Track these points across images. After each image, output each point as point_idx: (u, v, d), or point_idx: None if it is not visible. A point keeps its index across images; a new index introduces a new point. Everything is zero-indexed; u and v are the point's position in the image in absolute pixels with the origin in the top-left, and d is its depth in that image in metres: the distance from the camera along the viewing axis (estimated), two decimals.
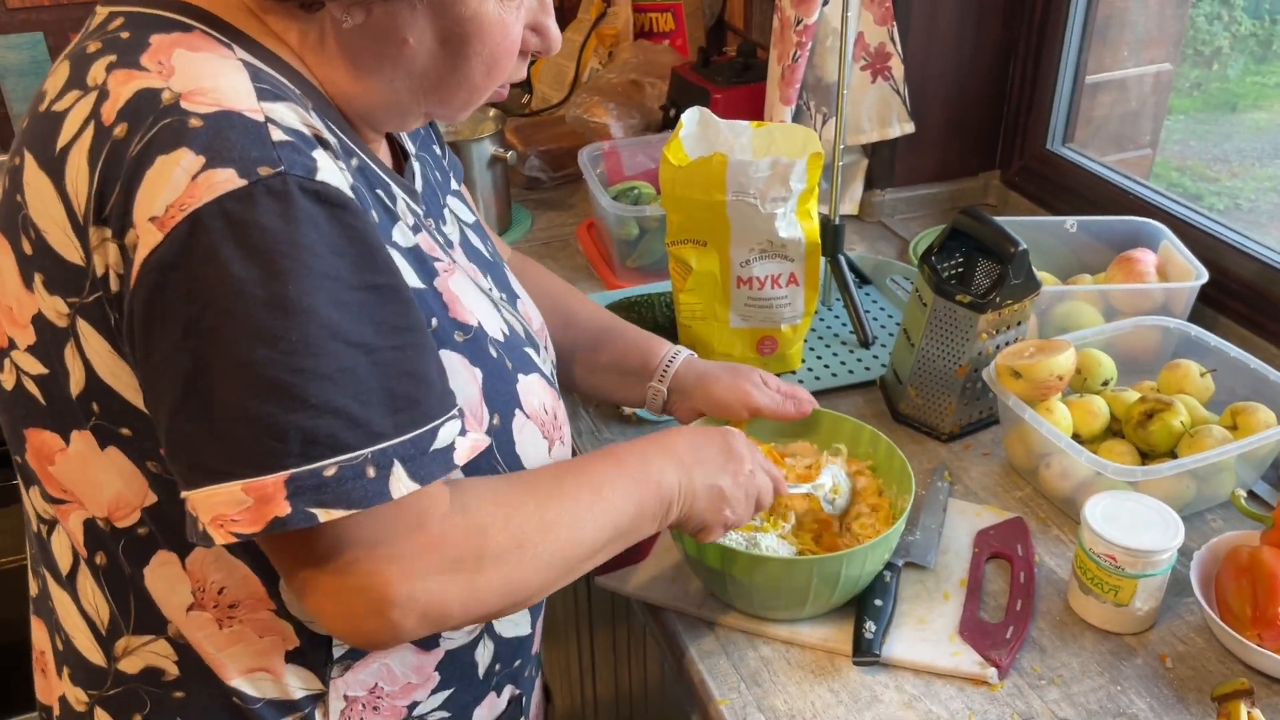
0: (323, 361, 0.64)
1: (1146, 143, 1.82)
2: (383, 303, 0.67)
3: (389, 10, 0.72)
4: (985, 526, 1.11)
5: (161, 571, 0.76)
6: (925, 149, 1.73)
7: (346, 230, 0.66)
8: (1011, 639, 0.97)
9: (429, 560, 0.69)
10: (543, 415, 0.86)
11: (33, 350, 0.72)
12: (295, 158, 0.65)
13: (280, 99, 0.68)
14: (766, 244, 1.24)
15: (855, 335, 1.43)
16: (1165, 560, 0.96)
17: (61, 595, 0.81)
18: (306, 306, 0.63)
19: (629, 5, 2.12)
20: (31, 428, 0.75)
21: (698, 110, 1.28)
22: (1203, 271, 1.30)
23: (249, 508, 0.64)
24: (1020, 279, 1.15)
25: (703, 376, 1.08)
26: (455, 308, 0.80)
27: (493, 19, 0.75)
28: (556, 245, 1.73)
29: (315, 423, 0.64)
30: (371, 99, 0.77)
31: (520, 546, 0.74)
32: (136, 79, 0.67)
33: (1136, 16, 1.68)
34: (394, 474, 0.66)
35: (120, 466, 0.73)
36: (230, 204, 0.62)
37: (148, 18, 0.71)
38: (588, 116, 1.88)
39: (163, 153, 0.63)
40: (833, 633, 0.99)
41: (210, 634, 0.77)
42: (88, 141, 0.66)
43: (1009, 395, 1.13)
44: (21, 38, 1.99)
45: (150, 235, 0.63)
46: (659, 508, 0.85)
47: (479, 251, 0.93)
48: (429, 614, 0.70)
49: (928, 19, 1.63)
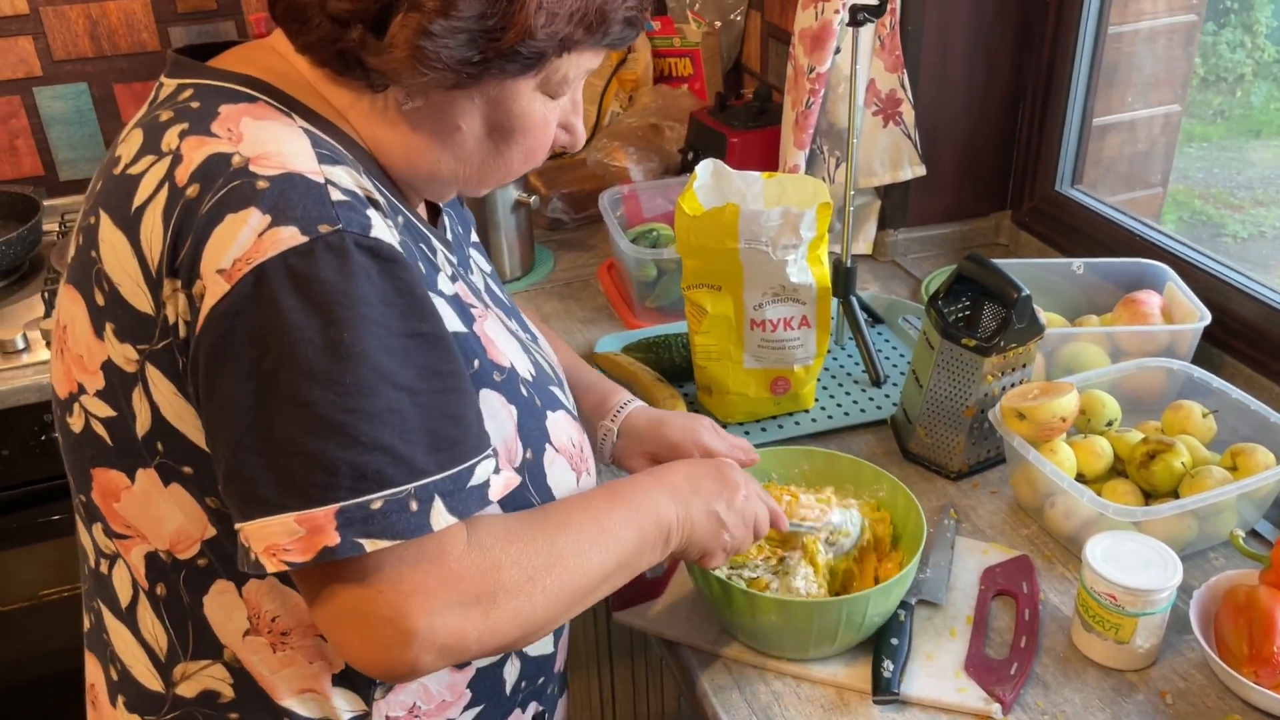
0: (373, 402, 0.69)
1: (1156, 182, 1.85)
2: (427, 349, 0.73)
3: (449, 99, 0.79)
4: (992, 564, 1.14)
5: (220, 600, 0.81)
6: (937, 190, 1.77)
7: (396, 282, 0.72)
8: (1016, 675, 1.00)
9: (448, 595, 0.73)
10: (570, 448, 0.92)
11: (101, 395, 0.78)
12: (352, 216, 0.71)
13: (338, 163, 0.74)
14: (779, 288, 1.29)
15: (867, 374, 1.46)
16: (1164, 599, 0.99)
17: (119, 627, 0.86)
18: (360, 352, 0.69)
19: (649, 51, 2.18)
20: (99, 467, 0.81)
21: (711, 162, 1.33)
22: (1206, 313, 1.33)
23: (301, 538, 0.69)
24: (1024, 323, 1.19)
25: (657, 420, 1.11)
26: (492, 350, 0.86)
27: (538, 118, 0.82)
28: (578, 285, 1.78)
29: (364, 459, 0.69)
30: (418, 170, 0.83)
31: (531, 580, 0.77)
32: (208, 144, 0.73)
33: (1143, 60, 1.72)
34: (434, 508, 0.71)
35: (182, 502, 0.78)
36: (293, 258, 0.69)
37: (216, 90, 0.78)
38: (608, 160, 1.94)
39: (232, 211, 0.70)
40: (841, 668, 1.02)
41: (265, 657, 0.82)
42: (162, 201, 0.72)
43: (1014, 436, 1.16)
44: (67, 88, 2.07)
45: (218, 286, 0.69)
46: (658, 537, 0.89)
47: (500, 298, 0.99)
48: (448, 646, 0.74)
49: (938, 66, 1.68)
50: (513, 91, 0.80)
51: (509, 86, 0.79)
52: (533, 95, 0.81)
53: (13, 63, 2.02)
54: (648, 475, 0.93)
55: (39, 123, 2.07)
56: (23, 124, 2.07)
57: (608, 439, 1.12)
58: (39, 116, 2.07)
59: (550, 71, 0.80)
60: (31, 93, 2.05)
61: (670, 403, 1.37)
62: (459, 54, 0.74)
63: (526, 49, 0.75)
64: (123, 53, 2.08)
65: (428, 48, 0.73)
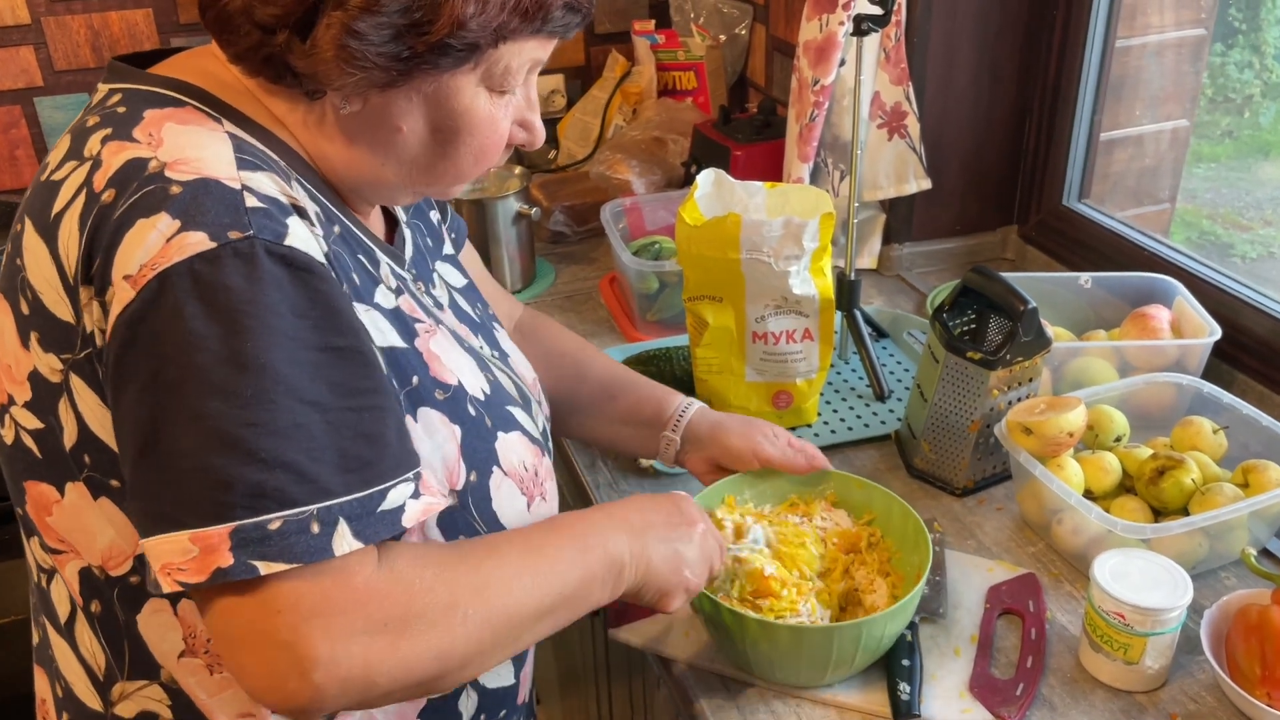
0: (275, 417, 0.66)
1: (1165, 198, 1.83)
2: (342, 364, 0.70)
3: (386, 100, 0.77)
4: (997, 582, 1.12)
5: (154, 619, 0.78)
6: (943, 204, 1.76)
7: (310, 293, 0.69)
8: (1022, 696, 0.98)
9: (353, 619, 0.68)
10: (522, 472, 0.88)
11: (29, 406, 0.76)
12: (266, 223, 0.69)
13: (260, 169, 0.72)
14: (781, 300, 1.27)
15: (871, 389, 1.44)
16: (1174, 619, 0.96)
17: (61, 643, 0.84)
18: (263, 363, 0.66)
19: (653, 64, 2.17)
20: (30, 480, 0.79)
21: (713, 171, 1.32)
22: (1216, 328, 1.31)
23: (194, 557, 0.66)
24: (1030, 336, 1.17)
25: (716, 426, 1.10)
26: (435, 366, 0.83)
27: (483, 114, 0.80)
28: (579, 298, 1.76)
29: (263, 476, 0.66)
30: (362, 177, 0.81)
31: (450, 608, 0.72)
32: (128, 150, 0.71)
33: (1151, 75, 1.71)
34: (338, 531, 0.68)
35: (112, 516, 0.76)
36: (198, 264, 0.66)
37: (145, 94, 0.76)
38: (611, 173, 1.93)
39: (143, 216, 0.68)
40: (840, 690, 1.00)
41: (201, 680, 0.79)
42: (79, 207, 0.71)
43: (1020, 452, 1.14)
44: (68, 98, 2.06)
45: (124, 292, 0.67)
46: (608, 574, 0.83)
47: (467, 314, 0.97)
48: (351, 679, 0.67)
49: (943, 78, 1.66)
50: (452, 88, 0.77)
51: (447, 83, 0.77)
52: (475, 91, 0.78)
53: (14, 73, 2.01)
54: (598, 509, 0.89)
55: (39, 133, 2.07)
56: (23, 134, 2.06)
57: (670, 447, 1.11)
58: (39, 126, 2.06)
59: (490, 64, 0.77)
60: (32, 103, 2.04)
61: None
62: (386, 50, 0.72)
63: (458, 40, 0.73)
64: None
65: (353, 46, 0.71)
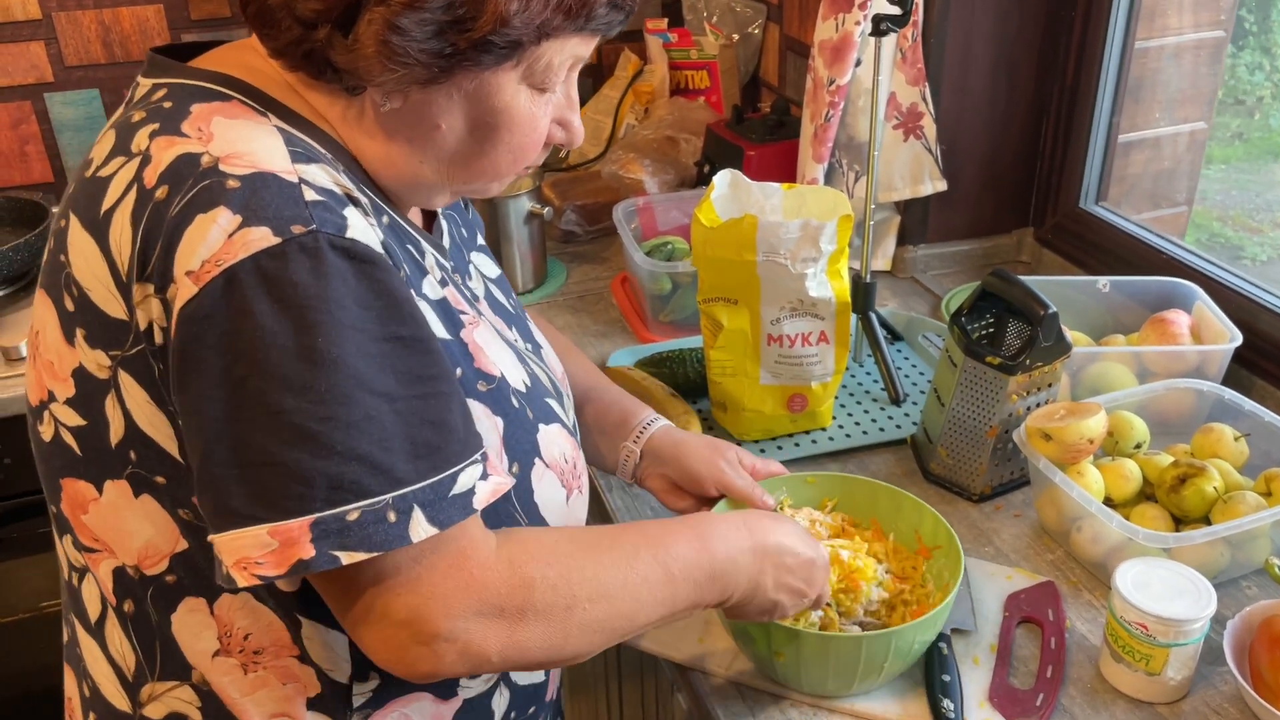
0: (348, 410, 0.66)
1: (1182, 200, 1.82)
2: (407, 353, 0.70)
3: (426, 97, 0.76)
4: (1016, 590, 1.10)
5: (189, 618, 0.78)
6: (958, 206, 1.74)
7: (374, 285, 0.69)
8: (1042, 706, 0.96)
9: (468, 600, 0.71)
10: (562, 464, 0.88)
11: (71, 402, 0.75)
12: (327, 216, 0.68)
13: (313, 161, 0.71)
14: (797, 303, 1.26)
15: (886, 393, 1.43)
16: (1198, 629, 0.95)
17: (89, 642, 0.84)
18: (334, 357, 0.66)
19: (665, 63, 2.15)
20: (67, 477, 0.78)
21: (729, 172, 1.30)
22: (1237, 334, 1.30)
23: (273, 550, 0.66)
24: (1050, 341, 1.16)
25: (679, 444, 1.08)
26: (480, 358, 0.82)
27: (523, 113, 0.78)
28: (591, 299, 1.75)
29: (340, 469, 0.66)
30: (400, 174, 0.80)
31: (569, 609, 0.75)
32: (178, 144, 0.70)
33: (1170, 76, 1.69)
34: (414, 518, 0.68)
35: (152, 514, 0.75)
36: (264, 260, 0.66)
37: (190, 89, 0.76)
38: (623, 172, 1.91)
39: (201, 212, 0.67)
40: (861, 699, 0.98)
41: (235, 679, 0.79)
42: (131, 204, 0.70)
43: (1040, 458, 1.13)
44: (78, 94, 2.06)
45: (186, 288, 0.66)
46: (717, 598, 0.86)
47: (502, 305, 0.96)
48: (468, 652, 0.71)
49: (960, 80, 1.65)
50: (493, 85, 0.76)
51: (489, 80, 0.76)
52: (516, 89, 0.77)
53: (24, 68, 2.00)
54: (743, 525, 0.89)
55: (49, 129, 2.06)
56: (33, 130, 2.05)
57: (629, 460, 1.09)
58: (49, 122, 2.05)
59: (532, 61, 0.76)
60: (43, 98, 2.04)
61: (684, 419, 1.34)
62: (429, 47, 0.71)
63: (501, 38, 0.72)
64: (135, 59, 2.07)
65: (395, 42, 0.70)
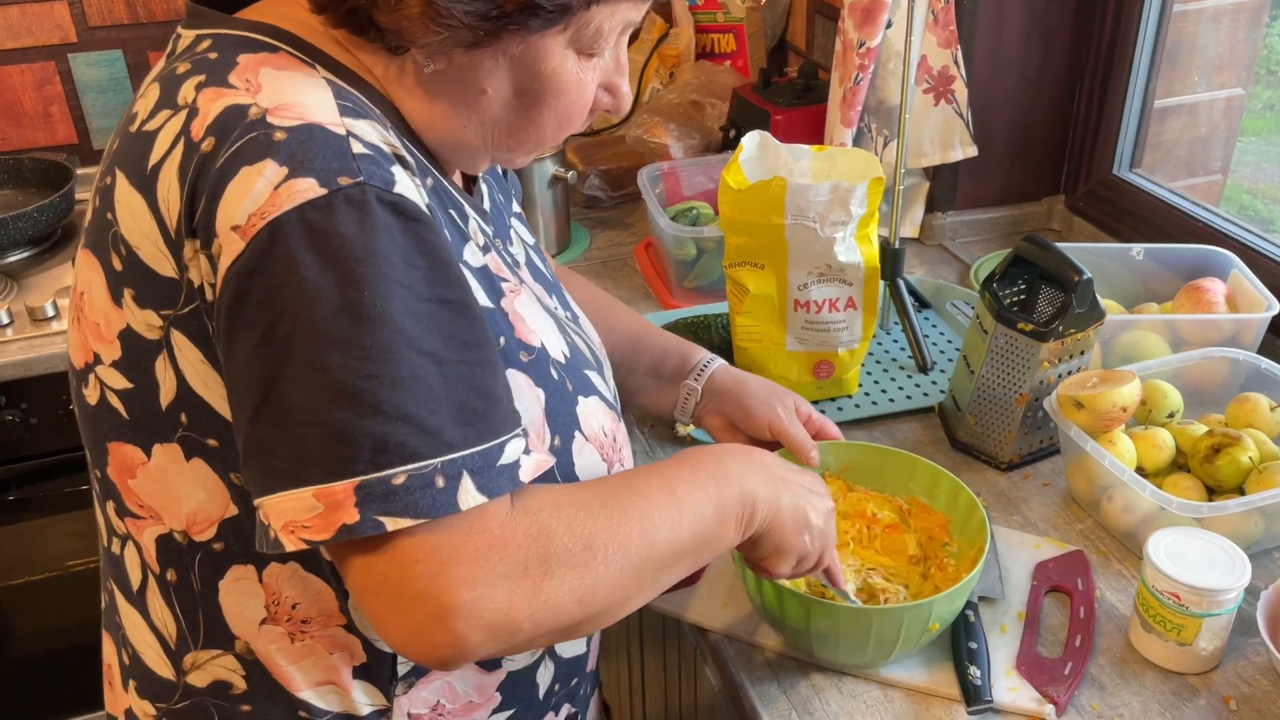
0: (395, 367, 0.64)
1: (1217, 168, 1.78)
2: (453, 317, 0.68)
3: (471, 60, 0.74)
4: (1045, 559, 1.09)
5: (236, 586, 0.77)
6: (988, 172, 1.71)
7: (421, 243, 0.67)
8: (1070, 675, 0.95)
9: (491, 564, 0.67)
10: (601, 438, 0.86)
11: (118, 365, 0.74)
12: (374, 170, 0.66)
13: (362, 116, 0.70)
14: (825, 268, 1.24)
15: (914, 360, 1.41)
16: (1231, 600, 0.94)
17: (130, 610, 0.83)
18: (381, 313, 0.64)
19: (691, 26, 2.13)
20: (115, 441, 0.76)
21: (758, 134, 1.28)
22: (1274, 302, 1.27)
23: (319, 514, 0.64)
24: (1084, 308, 1.14)
25: (740, 382, 1.07)
26: (521, 328, 0.81)
27: (571, 77, 0.76)
28: (614, 264, 1.74)
29: (386, 429, 0.64)
30: (444, 137, 0.78)
31: (588, 548, 0.70)
32: (225, 96, 0.69)
33: (1208, 41, 1.65)
34: (463, 485, 0.66)
35: (203, 478, 0.74)
36: (310, 212, 0.64)
37: (235, 39, 0.74)
38: (648, 137, 1.90)
39: (248, 164, 0.65)
40: (900, 668, 0.98)
41: (282, 647, 0.78)
42: (178, 158, 0.68)
43: (1071, 426, 1.11)
44: (102, 55, 2.05)
45: (233, 244, 0.65)
46: (742, 511, 0.81)
47: (542, 272, 0.94)
48: (496, 625, 0.67)
49: (993, 43, 1.62)
50: (540, 50, 0.74)
51: (536, 44, 0.73)
52: (564, 54, 0.75)
53: (48, 29, 2.00)
54: (734, 446, 0.86)
55: (73, 90, 2.05)
56: (57, 91, 2.05)
57: (690, 398, 1.08)
58: (73, 83, 2.05)
59: (580, 26, 0.74)
60: (66, 59, 2.03)
61: None
62: (474, 9, 0.69)
63: (549, 2, 0.70)
64: (159, 20, 2.06)
65: (440, 4, 0.68)
